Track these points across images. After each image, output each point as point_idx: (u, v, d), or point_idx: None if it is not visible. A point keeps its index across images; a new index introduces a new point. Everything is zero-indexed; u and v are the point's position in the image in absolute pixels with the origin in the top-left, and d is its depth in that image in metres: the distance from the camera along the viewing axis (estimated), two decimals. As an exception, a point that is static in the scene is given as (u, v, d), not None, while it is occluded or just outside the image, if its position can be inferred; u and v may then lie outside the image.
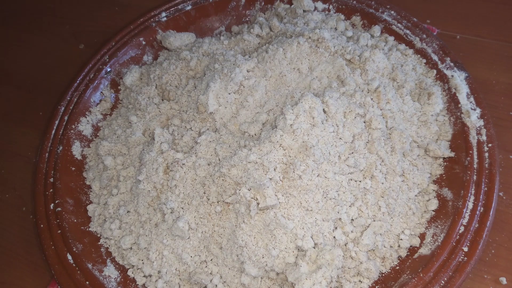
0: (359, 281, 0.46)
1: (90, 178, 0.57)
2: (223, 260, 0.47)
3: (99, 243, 0.52)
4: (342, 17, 0.65)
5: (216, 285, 0.47)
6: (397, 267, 0.47)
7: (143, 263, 0.49)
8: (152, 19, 0.67)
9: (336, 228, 0.47)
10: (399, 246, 0.48)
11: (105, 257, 0.51)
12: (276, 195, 0.45)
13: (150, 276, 0.49)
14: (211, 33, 0.70)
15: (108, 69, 0.64)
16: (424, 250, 0.47)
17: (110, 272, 0.49)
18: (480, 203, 0.47)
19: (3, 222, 0.59)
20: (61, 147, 0.57)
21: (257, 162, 0.46)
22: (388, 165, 0.50)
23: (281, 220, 0.44)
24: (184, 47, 0.65)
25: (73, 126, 0.59)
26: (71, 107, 0.60)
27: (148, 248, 0.49)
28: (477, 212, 0.47)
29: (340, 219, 0.47)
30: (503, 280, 0.47)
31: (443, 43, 0.60)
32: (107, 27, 0.76)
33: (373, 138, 0.50)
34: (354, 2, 0.65)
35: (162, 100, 0.59)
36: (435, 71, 0.58)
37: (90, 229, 0.53)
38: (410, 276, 0.45)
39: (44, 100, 0.70)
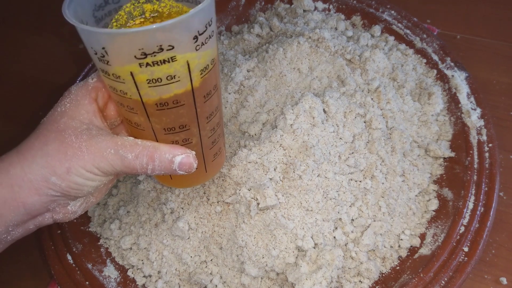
0: (359, 281, 0.46)
1: (90, 178, 0.57)
2: (223, 260, 0.47)
3: (99, 243, 0.52)
4: (342, 17, 0.65)
5: (216, 285, 0.47)
6: (398, 267, 0.47)
7: (143, 263, 0.49)
8: (152, 19, 0.67)
9: (336, 228, 0.47)
10: (399, 246, 0.48)
11: (105, 257, 0.51)
12: (276, 195, 0.45)
13: (150, 276, 0.49)
14: (211, 33, 0.70)
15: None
16: (425, 250, 0.47)
17: (110, 272, 0.49)
18: (480, 203, 0.47)
19: (3, 222, 0.59)
20: (61, 147, 0.57)
21: (257, 162, 0.46)
22: (388, 165, 0.50)
23: (281, 220, 0.44)
24: (184, 47, 0.65)
25: (73, 126, 0.59)
26: (71, 107, 0.60)
27: (148, 248, 0.49)
28: (478, 212, 0.47)
29: (340, 219, 0.47)
30: (504, 280, 0.47)
31: (443, 43, 0.60)
32: (107, 27, 0.76)
33: (373, 138, 0.50)
34: (354, 2, 0.65)
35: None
36: (435, 71, 0.58)
37: (90, 229, 0.53)
38: (410, 276, 0.45)
39: (44, 100, 0.70)
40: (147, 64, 0.29)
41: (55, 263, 0.49)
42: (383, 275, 0.46)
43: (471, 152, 0.50)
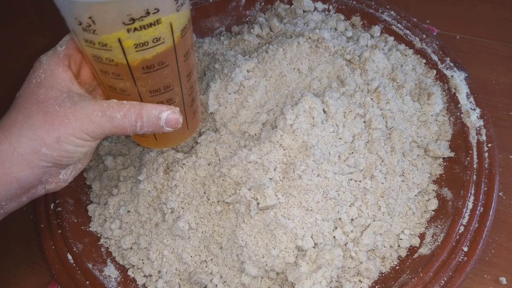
0: (359, 281, 0.46)
1: (91, 178, 0.57)
2: (223, 260, 0.47)
3: (99, 243, 0.52)
4: (342, 17, 0.65)
5: (216, 285, 0.47)
6: (397, 267, 0.47)
7: (143, 263, 0.49)
8: (152, 19, 0.67)
9: (336, 228, 0.47)
10: (399, 246, 0.48)
11: (105, 257, 0.51)
12: (276, 195, 0.45)
13: (150, 276, 0.49)
14: (211, 33, 0.70)
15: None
16: (424, 250, 0.47)
17: (110, 272, 0.50)
18: (480, 203, 0.47)
19: (3, 222, 0.59)
20: (61, 147, 0.57)
21: (257, 162, 0.46)
22: (388, 165, 0.50)
23: (281, 220, 0.44)
24: (184, 47, 0.65)
25: (73, 126, 0.59)
26: (71, 107, 0.60)
27: (148, 248, 0.49)
28: (477, 212, 0.47)
29: (340, 219, 0.47)
30: (503, 280, 0.47)
31: (443, 43, 0.60)
32: (107, 27, 0.76)
33: (373, 138, 0.50)
34: (354, 2, 0.66)
35: (162, 100, 0.59)
36: (435, 71, 0.58)
37: (90, 229, 0.53)
38: (410, 276, 0.45)
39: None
40: (135, 29, 0.30)
41: (56, 263, 0.49)
42: (383, 274, 0.47)
43: (470, 152, 0.51)
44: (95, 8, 0.29)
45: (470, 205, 0.47)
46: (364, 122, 0.51)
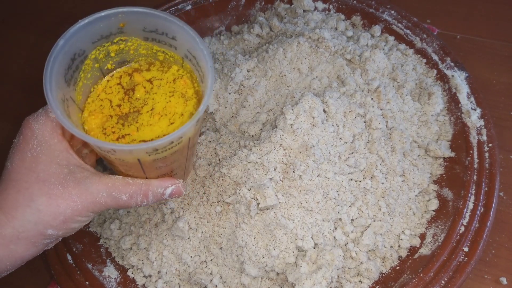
0: (359, 281, 0.46)
1: (90, 178, 0.57)
2: (223, 260, 0.47)
3: (99, 243, 0.52)
4: (342, 17, 0.65)
5: (216, 285, 0.47)
6: (398, 267, 0.47)
7: (143, 263, 0.49)
8: (152, 19, 0.67)
9: (336, 228, 0.47)
10: (399, 246, 0.48)
11: (105, 257, 0.51)
12: (276, 195, 0.45)
13: (150, 276, 0.49)
14: (211, 33, 0.70)
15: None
16: (425, 250, 0.47)
17: (110, 272, 0.49)
18: (480, 203, 0.47)
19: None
20: (61, 147, 0.57)
21: (257, 162, 0.46)
22: (388, 165, 0.50)
23: (281, 220, 0.44)
24: (184, 47, 0.65)
25: (73, 126, 0.59)
26: (71, 107, 0.60)
27: (148, 248, 0.49)
28: (478, 212, 0.47)
29: (340, 219, 0.47)
30: (504, 280, 0.47)
31: (443, 43, 0.60)
32: (107, 27, 0.76)
33: (374, 138, 0.50)
34: (354, 2, 0.65)
35: (162, 100, 0.59)
36: (435, 71, 0.58)
37: (90, 229, 0.53)
38: (410, 276, 0.45)
39: (44, 100, 0.70)
40: (156, 153, 0.31)
41: (55, 263, 0.49)
42: (383, 275, 0.46)
43: (471, 152, 0.50)
44: (122, 150, 0.30)
45: (470, 205, 0.47)
46: (365, 122, 0.51)
